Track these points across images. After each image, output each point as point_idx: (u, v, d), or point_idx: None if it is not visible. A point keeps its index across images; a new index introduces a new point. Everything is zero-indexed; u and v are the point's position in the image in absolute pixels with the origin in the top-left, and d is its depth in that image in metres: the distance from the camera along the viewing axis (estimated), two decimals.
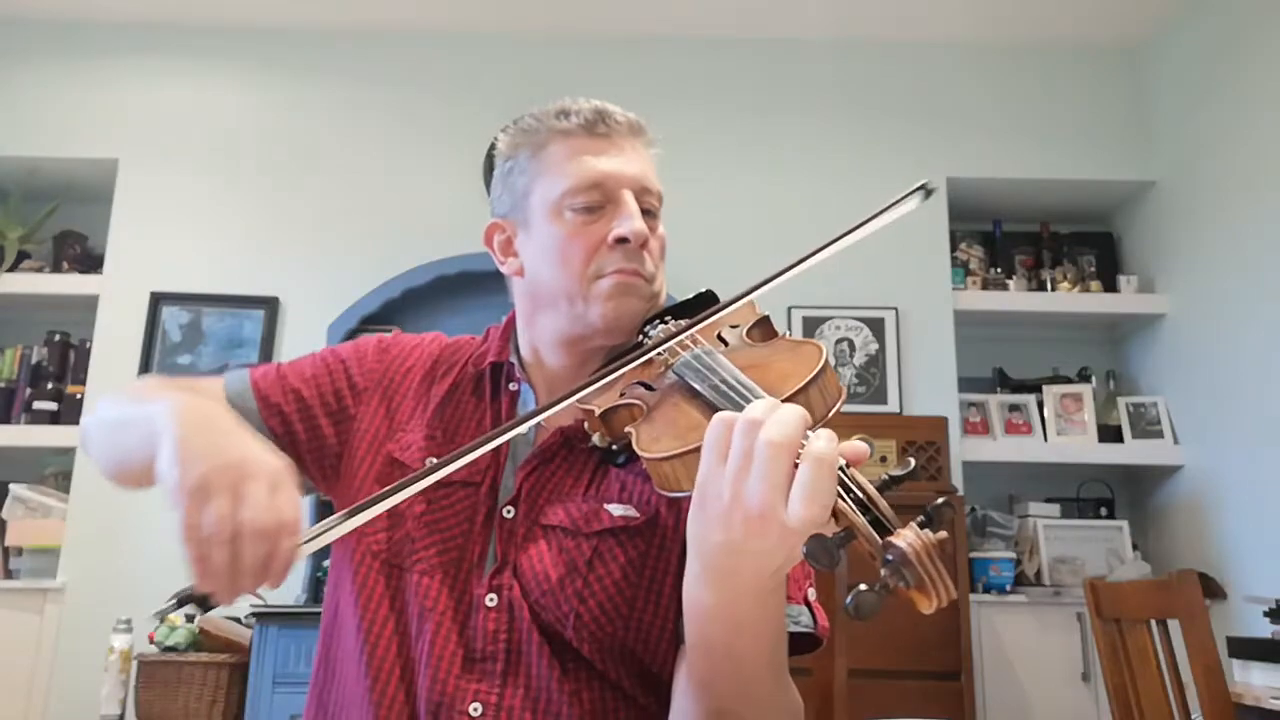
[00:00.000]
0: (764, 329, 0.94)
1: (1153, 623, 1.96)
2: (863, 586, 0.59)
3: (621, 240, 0.96)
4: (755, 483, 0.64)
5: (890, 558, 0.59)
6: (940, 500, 0.63)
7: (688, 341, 0.88)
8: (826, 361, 0.77)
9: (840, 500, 0.63)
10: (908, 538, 0.59)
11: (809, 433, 0.65)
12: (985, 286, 3.41)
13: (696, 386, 0.81)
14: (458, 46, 3.50)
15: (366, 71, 3.48)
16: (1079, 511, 3.26)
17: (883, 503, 0.63)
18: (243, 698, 2.51)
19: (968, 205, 3.47)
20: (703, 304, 1.00)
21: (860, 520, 0.62)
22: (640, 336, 0.98)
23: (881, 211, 0.90)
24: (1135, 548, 3.13)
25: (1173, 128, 3.31)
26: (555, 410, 0.84)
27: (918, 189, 0.90)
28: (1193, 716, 1.86)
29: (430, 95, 3.46)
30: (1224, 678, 1.79)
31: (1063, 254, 3.50)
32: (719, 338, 0.92)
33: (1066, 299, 3.37)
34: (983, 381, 3.40)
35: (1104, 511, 3.28)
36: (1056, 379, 3.38)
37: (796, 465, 0.63)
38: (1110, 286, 3.40)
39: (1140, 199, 3.47)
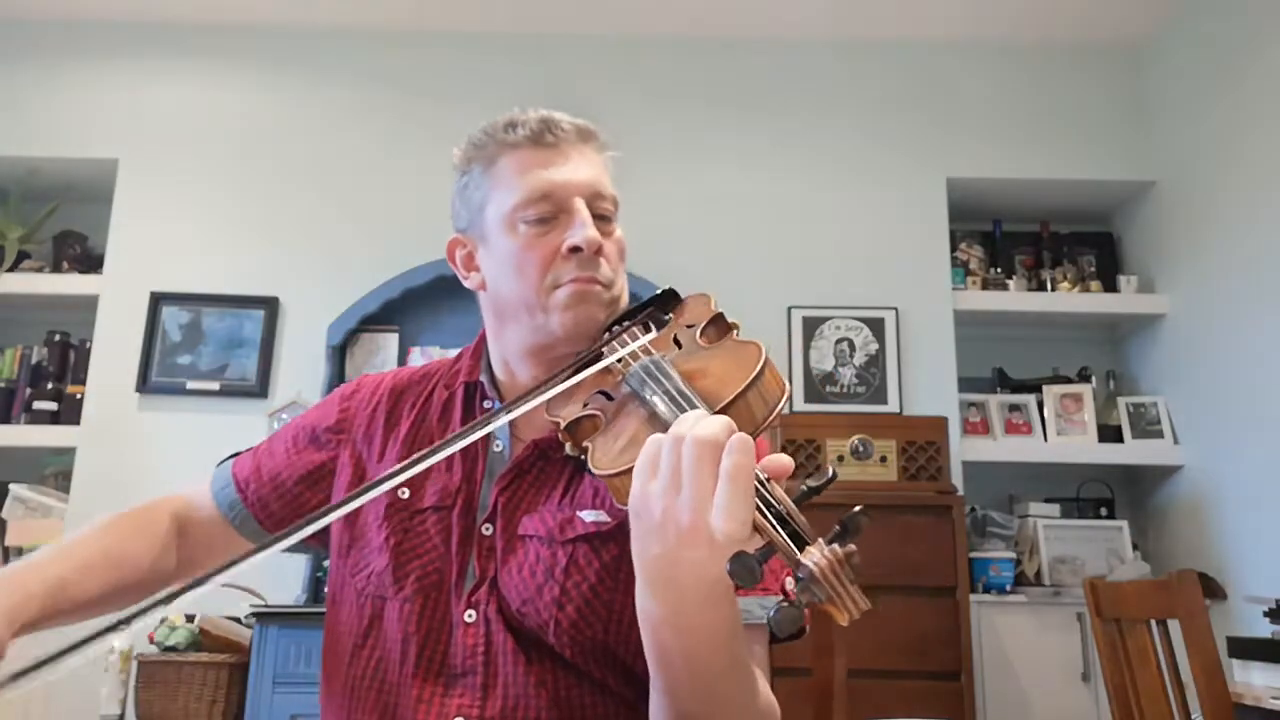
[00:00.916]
0: (718, 327, 0.94)
1: (1153, 623, 1.96)
2: (784, 602, 0.61)
3: (575, 249, 0.96)
4: (683, 498, 0.65)
5: (801, 576, 0.60)
6: (856, 509, 0.64)
7: (638, 351, 0.90)
8: (766, 361, 0.77)
9: (760, 515, 0.64)
10: (814, 556, 0.61)
11: (727, 444, 0.66)
12: (985, 286, 3.41)
13: (645, 396, 0.82)
14: (458, 46, 3.50)
15: (366, 71, 3.48)
16: (1079, 511, 3.26)
17: (800, 517, 0.64)
18: (243, 698, 2.51)
19: (968, 205, 3.47)
20: (665, 303, 1.01)
21: (779, 536, 0.63)
22: (602, 343, 0.99)
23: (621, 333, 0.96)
24: (1135, 548, 3.13)
25: (1173, 128, 3.31)
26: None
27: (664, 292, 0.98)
28: (1193, 716, 1.86)
29: (430, 95, 3.45)
30: (1224, 678, 1.79)
31: (1063, 254, 3.50)
32: (675, 340, 0.93)
33: (1066, 299, 3.37)
34: (983, 381, 3.40)
35: (1104, 511, 3.28)
36: (1056, 379, 3.38)
37: None
38: (1110, 286, 3.40)
39: (1140, 199, 3.47)
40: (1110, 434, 3.22)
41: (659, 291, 1.01)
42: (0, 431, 3.16)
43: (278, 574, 2.85)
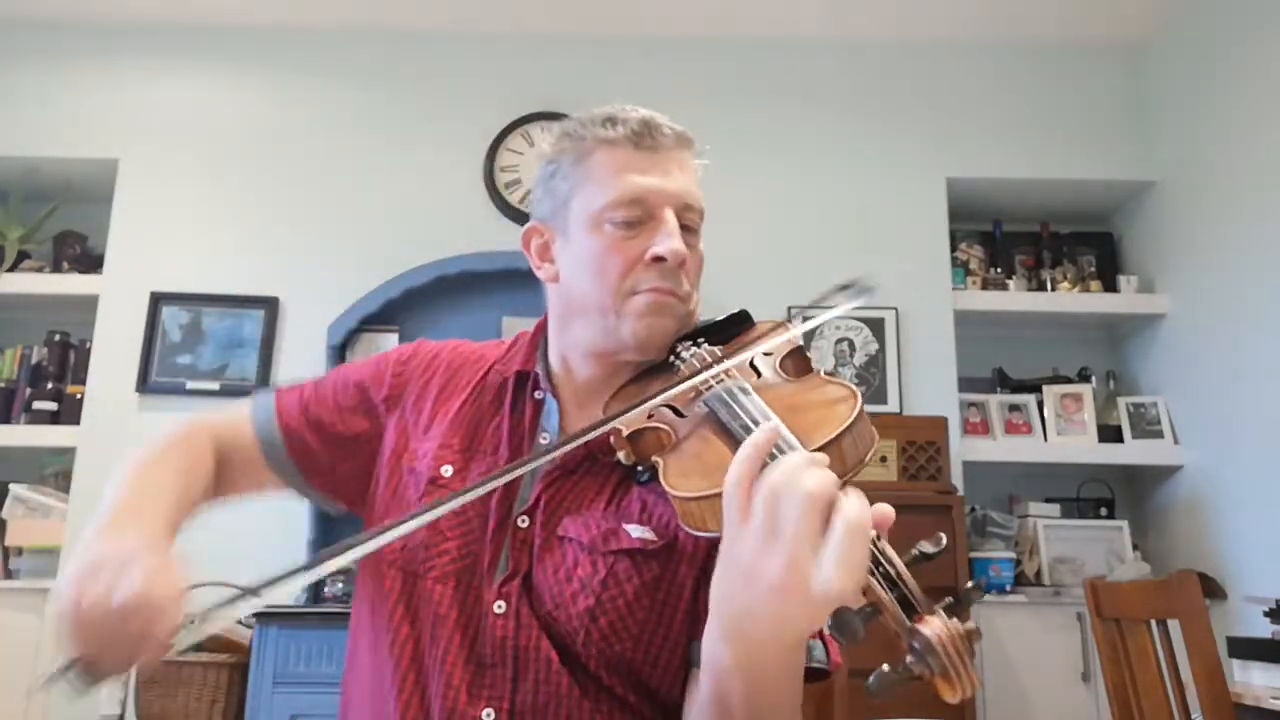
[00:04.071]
0: (797, 360, 0.92)
1: (1153, 623, 1.96)
2: (885, 667, 0.58)
3: (659, 259, 0.95)
4: (779, 547, 0.62)
5: (916, 645, 0.58)
6: (970, 585, 0.62)
7: (721, 373, 0.87)
8: (861, 408, 0.74)
9: (869, 574, 0.61)
10: (935, 626, 0.58)
11: (840, 495, 0.62)
12: (985, 286, 3.41)
13: (727, 423, 0.79)
14: (458, 46, 3.49)
15: (366, 71, 3.48)
16: (1079, 511, 3.26)
17: (911, 582, 0.61)
18: (243, 698, 2.51)
19: (968, 205, 3.47)
20: (737, 325, 0.99)
21: (887, 597, 0.60)
22: (671, 356, 0.98)
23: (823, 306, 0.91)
24: (1135, 548, 3.13)
25: (1173, 128, 3.31)
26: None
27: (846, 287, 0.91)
28: (1193, 716, 1.86)
29: (430, 95, 3.46)
30: (1224, 678, 1.79)
31: (1063, 254, 3.50)
32: (752, 365, 0.90)
33: (1066, 299, 3.37)
34: (983, 381, 3.39)
35: (1104, 511, 3.28)
36: (1056, 379, 3.38)
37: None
38: (1110, 286, 3.40)
39: (1140, 199, 3.47)
40: (1110, 434, 3.22)
41: (732, 312, 1.00)
42: (0, 431, 3.16)
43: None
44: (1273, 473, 2.73)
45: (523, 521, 0.95)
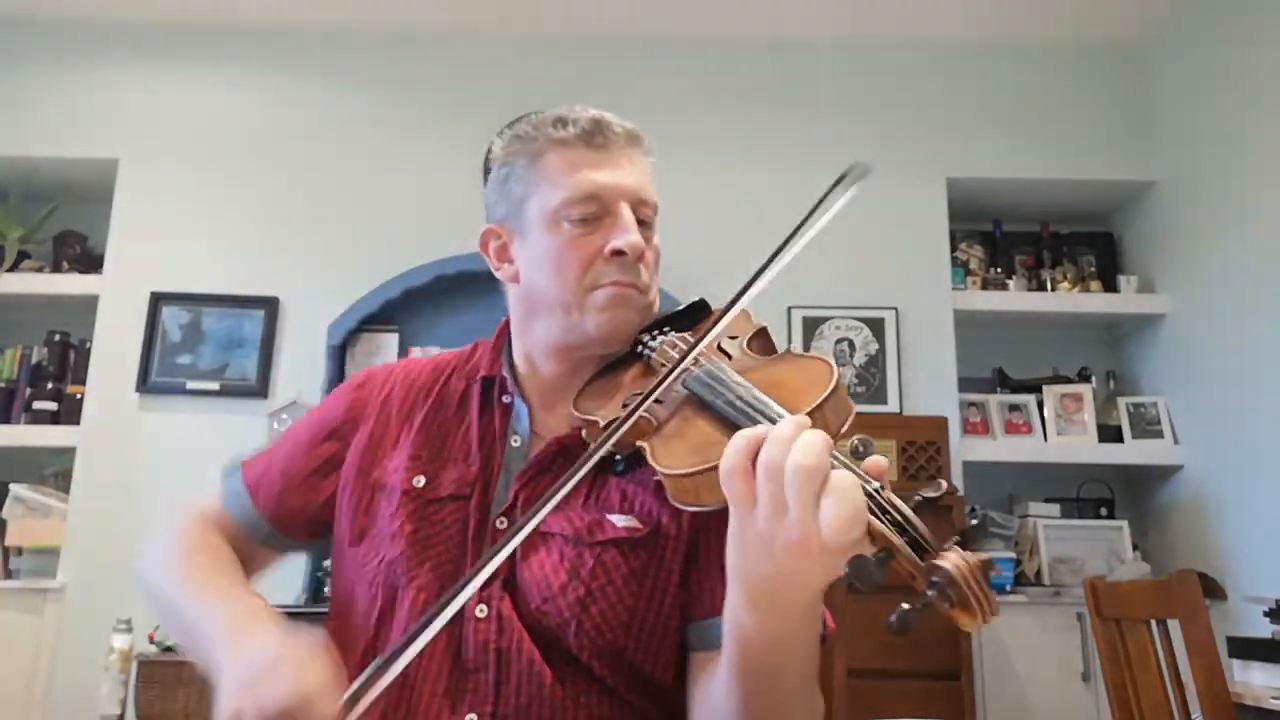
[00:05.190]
0: (762, 340, 0.94)
1: (1153, 623, 1.96)
2: (905, 605, 0.62)
3: (618, 253, 0.96)
4: (791, 519, 0.65)
5: (936, 579, 0.61)
6: (974, 523, 0.65)
7: (697, 357, 0.89)
8: (838, 379, 0.78)
9: (877, 521, 0.65)
10: (953, 559, 0.62)
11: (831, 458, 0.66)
12: (985, 286, 3.41)
13: (711, 402, 0.81)
14: (458, 46, 3.49)
15: (367, 71, 3.48)
16: (1079, 511, 3.26)
17: (919, 523, 0.65)
18: None
19: (968, 205, 3.47)
20: (697, 313, 1.01)
21: (898, 541, 0.64)
22: (640, 347, 0.99)
23: (825, 198, 0.94)
24: (1135, 548, 3.13)
25: (1173, 128, 3.31)
26: (590, 464, 0.82)
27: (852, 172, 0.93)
28: (1193, 716, 1.86)
29: (430, 95, 3.46)
30: (1224, 678, 1.79)
31: (1063, 254, 3.50)
32: (720, 349, 0.93)
33: (1066, 299, 3.37)
34: (983, 381, 3.39)
35: (1104, 511, 3.27)
36: (1056, 379, 3.38)
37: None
38: (1110, 286, 3.40)
39: (1140, 199, 3.47)
40: (1110, 434, 3.22)
41: (691, 301, 1.01)
42: (0, 431, 3.16)
43: (277, 574, 2.85)
44: (1273, 473, 2.73)
45: (501, 523, 0.96)
